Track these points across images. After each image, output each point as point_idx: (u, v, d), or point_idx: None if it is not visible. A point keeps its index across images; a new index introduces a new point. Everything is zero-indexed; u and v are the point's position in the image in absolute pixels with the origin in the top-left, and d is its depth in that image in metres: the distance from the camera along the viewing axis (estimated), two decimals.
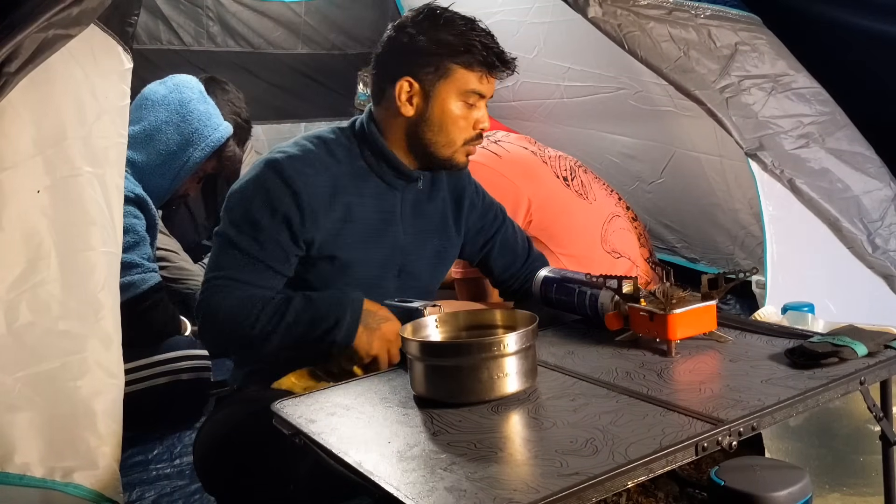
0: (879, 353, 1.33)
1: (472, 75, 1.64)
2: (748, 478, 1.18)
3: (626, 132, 3.03)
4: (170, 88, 2.39)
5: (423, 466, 1.06)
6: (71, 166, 1.42)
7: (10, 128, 1.36)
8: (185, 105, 2.36)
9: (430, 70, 1.63)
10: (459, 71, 1.63)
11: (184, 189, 2.48)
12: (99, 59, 1.48)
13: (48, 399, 1.38)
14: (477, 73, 1.64)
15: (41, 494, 1.35)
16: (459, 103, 1.65)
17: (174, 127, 2.33)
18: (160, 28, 3.39)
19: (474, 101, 1.66)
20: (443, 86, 1.64)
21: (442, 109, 1.65)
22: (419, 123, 1.66)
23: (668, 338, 1.42)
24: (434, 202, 1.81)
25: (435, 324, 1.44)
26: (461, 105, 1.65)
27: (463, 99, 1.65)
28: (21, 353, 1.36)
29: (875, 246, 2.17)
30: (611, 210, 2.48)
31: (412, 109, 1.65)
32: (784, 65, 2.23)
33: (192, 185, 2.52)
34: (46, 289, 1.39)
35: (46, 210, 1.39)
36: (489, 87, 1.67)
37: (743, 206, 2.72)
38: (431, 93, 1.64)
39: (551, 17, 2.94)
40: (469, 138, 1.68)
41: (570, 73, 3.02)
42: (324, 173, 1.63)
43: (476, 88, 1.65)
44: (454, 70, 1.63)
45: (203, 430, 1.64)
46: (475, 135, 1.69)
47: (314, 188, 1.60)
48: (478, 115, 1.68)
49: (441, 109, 1.65)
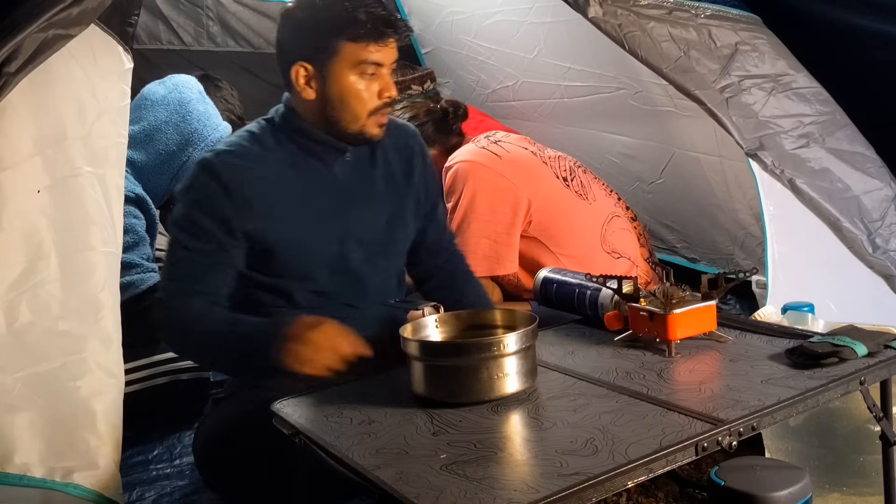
0: (879, 353, 1.33)
1: (361, 47, 1.61)
2: (748, 478, 1.18)
3: (626, 132, 3.03)
4: (169, 88, 2.39)
5: (423, 466, 1.06)
6: (71, 166, 1.42)
7: (10, 128, 1.35)
8: (185, 105, 2.36)
9: (319, 51, 1.62)
10: (347, 45, 1.61)
11: None
12: (99, 60, 1.48)
13: (48, 399, 1.38)
14: (364, 44, 1.61)
15: (41, 495, 1.35)
16: (355, 77, 1.63)
17: (174, 127, 2.33)
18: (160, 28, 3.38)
19: (373, 70, 1.63)
20: (335, 64, 1.62)
21: (340, 87, 1.63)
22: (324, 104, 1.66)
23: (668, 338, 1.42)
24: (378, 167, 1.79)
25: (435, 324, 1.44)
26: (357, 78, 1.63)
27: (358, 72, 1.63)
28: (21, 353, 1.36)
29: (875, 246, 2.17)
30: (610, 210, 2.48)
31: (313, 92, 1.65)
32: (784, 65, 2.23)
33: None
34: (46, 289, 1.39)
35: (46, 210, 1.39)
36: (384, 54, 1.63)
37: (743, 207, 2.72)
38: (326, 73, 1.63)
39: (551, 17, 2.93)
40: (374, 108, 1.65)
41: (570, 73, 3.01)
42: (254, 163, 1.65)
43: (368, 59, 1.62)
44: (342, 46, 1.61)
45: (203, 425, 1.65)
46: (381, 104, 1.66)
47: (244, 179, 1.62)
48: (381, 85, 1.65)
49: (339, 87, 1.63)
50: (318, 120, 1.69)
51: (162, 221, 2.59)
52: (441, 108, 2.53)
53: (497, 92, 3.43)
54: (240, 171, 1.63)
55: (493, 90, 3.44)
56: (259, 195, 1.63)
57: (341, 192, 1.73)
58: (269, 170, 1.67)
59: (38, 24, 1.31)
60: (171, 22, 3.40)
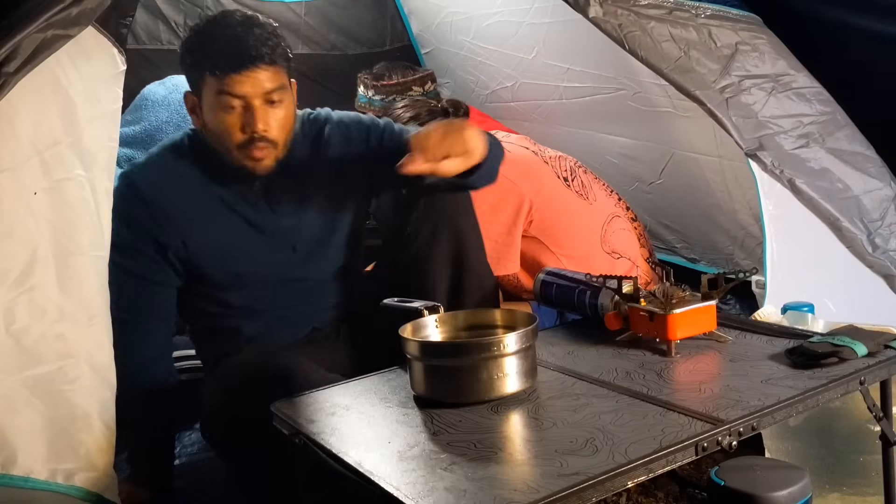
0: (879, 353, 1.33)
1: (219, 80, 1.56)
2: (748, 478, 1.18)
3: (625, 133, 3.03)
4: (169, 89, 2.40)
5: (423, 466, 1.06)
6: (66, 169, 1.42)
7: (7, 129, 1.35)
8: None
9: (195, 82, 1.62)
10: (207, 78, 1.57)
11: None
12: (93, 62, 1.48)
13: (47, 402, 1.38)
14: (223, 76, 1.55)
15: (45, 497, 1.35)
16: (218, 110, 1.58)
17: (175, 127, 2.34)
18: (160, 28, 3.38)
19: (232, 102, 1.56)
20: (204, 95, 1.60)
21: (208, 118, 1.61)
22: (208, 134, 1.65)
23: (668, 338, 1.42)
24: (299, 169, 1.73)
25: (435, 324, 1.44)
26: (220, 111, 1.58)
27: (220, 105, 1.57)
28: (20, 355, 1.36)
29: (875, 245, 2.17)
30: (611, 210, 2.48)
31: (199, 121, 1.65)
32: (784, 64, 2.23)
33: None
34: (43, 291, 1.39)
35: (44, 212, 1.39)
36: (243, 86, 1.55)
37: (742, 207, 2.71)
38: (202, 103, 1.62)
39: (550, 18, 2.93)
40: (240, 142, 1.59)
41: (569, 73, 3.01)
42: (171, 178, 1.67)
43: (224, 90, 1.55)
44: (204, 78, 1.58)
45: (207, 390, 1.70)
46: (245, 139, 1.59)
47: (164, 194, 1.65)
48: (245, 119, 1.57)
49: (208, 118, 1.61)
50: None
51: None
52: (442, 108, 2.53)
53: (496, 92, 3.43)
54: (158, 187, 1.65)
55: (493, 91, 3.44)
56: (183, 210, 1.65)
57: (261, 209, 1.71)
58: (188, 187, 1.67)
59: (36, 24, 1.31)
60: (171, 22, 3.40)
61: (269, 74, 1.57)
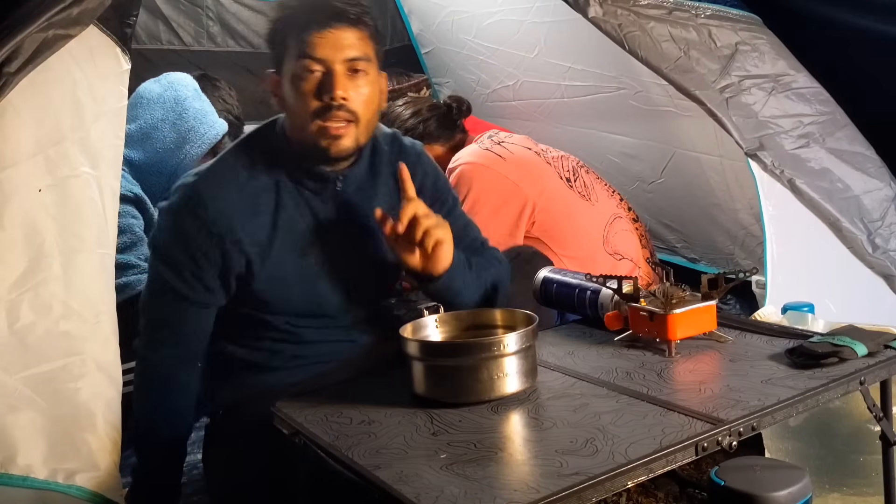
0: (879, 353, 1.33)
1: (296, 45, 1.46)
2: (748, 478, 1.18)
3: (627, 132, 3.03)
4: (164, 86, 2.39)
5: (423, 466, 1.06)
6: (71, 166, 1.43)
7: (10, 127, 1.35)
8: (181, 103, 2.36)
9: (278, 57, 1.51)
10: (289, 46, 1.48)
11: None
12: (97, 61, 1.48)
13: (49, 400, 1.38)
14: (302, 37, 1.45)
15: (44, 496, 1.35)
16: (296, 79, 1.47)
17: (170, 125, 2.33)
18: (160, 28, 3.38)
19: (312, 66, 1.45)
20: (285, 68, 1.49)
21: (287, 92, 1.49)
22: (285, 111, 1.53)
23: (668, 338, 1.42)
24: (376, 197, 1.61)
25: (435, 324, 1.44)
26: (298, 80, 1.46)
27: (298, 70, 1.46)
28: (23, 353, 1.36)
29: (875, 246, 2.17)
30: (613, 211, 2.48)
31: (280, 102, 1.53)
32: (784, 65, 2.23)
33: None
34: (48, 289, 1.39)
35: (48, 209, 1.39)
36: (324, 48, 1.45)
37: (743, 207, 2.72)
38: (283, 80, 1.50)
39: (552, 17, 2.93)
40: (315, 109, 1.46)
41: (570, 72, 3.01)
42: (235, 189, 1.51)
43: (303, 52, 1.45)
44: (286, 48, 1.49)
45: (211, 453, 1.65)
46: (320, 106, 1.45)
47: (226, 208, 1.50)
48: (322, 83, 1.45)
49: (286, 92, 1.49)
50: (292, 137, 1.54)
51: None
52: (444, 104, 2.53)
53: (497, 91, 3.43)
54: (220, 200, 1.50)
55: (494, 90, 3.44)
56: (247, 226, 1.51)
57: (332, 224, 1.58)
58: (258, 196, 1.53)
59: (38, 24, 1.31)
60: (171, 22, 3.40)
61: (353, 38, 1.47)
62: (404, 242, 1.48)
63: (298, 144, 1.52)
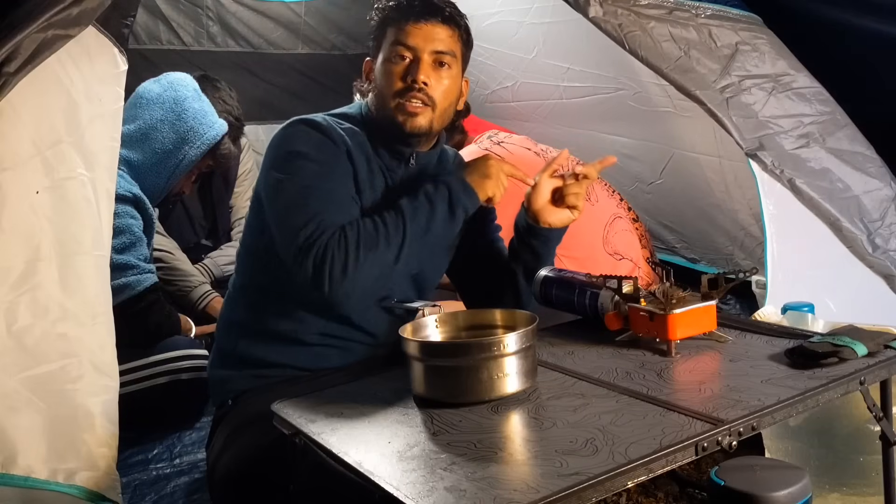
0: (879, 353, 1.33)
1: (396, 29, 1.63)
2: (748, 478, 1.18)
3: (626, 133, 3.03)
4: (164, 87, 2.39)
5: (423, 466, 1.06)
6: (67, 168, 1.43)
7: (9, 129, 1.36)
8: (180, 103, 2.36)
9: (377, 42, 1.68)
10: (387, 32, 1.65)
11: (179, 188, 2.47)
12: (95, 62, 1.48)
13: (48, 401, 1.38)
14: (399, 26, 1.63)
15: (45, 496, 1.35)
16: (387, 62, 1.63)
17: (169, 125, 2.33)
18: (160, 28, 3.38)
19: (403, 52, 1.62)
20: (381, 52, 1.66)
21: (378, 74, 1.66)
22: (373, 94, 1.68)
23: (668, 338, 1.42)
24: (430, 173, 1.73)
25: (435, 324, 1.44)
26: (389, 63, 1.63)
27: (391, 54, 1.63)
28: (21, 355, 1.36)
29: (875, 246, 2.17)
30: (612, 211, 2.48)
31: (368, 86, 1.70)
32: (784, 64, 2.23)
33: (187, 183, 2.52)
34: (45, 290, 1.39)
35: (46, 211, 1.39)
36: (416, 37, 1.61)
37: (742, 207, 2.72)
38: (376, 60, 1.68)
39: (551, 18, 2.94)
40: (398, 90, 1.61)
41: (569, 73, 3.02)
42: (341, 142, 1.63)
43: (398, 39, 1.62)
44: (384, 33, 1.65)
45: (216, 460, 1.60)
46: (403, 87, 1.61)
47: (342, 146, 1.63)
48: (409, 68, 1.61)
49: (377, 74, 1.66)
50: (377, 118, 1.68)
51: (160, 221, 2.59)
52: None
53: (496, 92, 3.43)
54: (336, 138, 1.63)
55: (493, 91, 3.44)
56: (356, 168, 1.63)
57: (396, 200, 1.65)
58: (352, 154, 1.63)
59: (37, 24, 1.32)
60: (171, 22, 3.40)
61: (443, 34, 1.63)
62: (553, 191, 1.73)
63: (380, 120, 1.66)
